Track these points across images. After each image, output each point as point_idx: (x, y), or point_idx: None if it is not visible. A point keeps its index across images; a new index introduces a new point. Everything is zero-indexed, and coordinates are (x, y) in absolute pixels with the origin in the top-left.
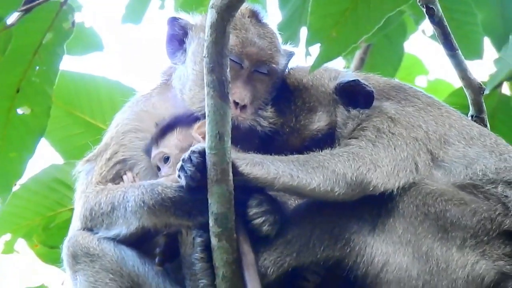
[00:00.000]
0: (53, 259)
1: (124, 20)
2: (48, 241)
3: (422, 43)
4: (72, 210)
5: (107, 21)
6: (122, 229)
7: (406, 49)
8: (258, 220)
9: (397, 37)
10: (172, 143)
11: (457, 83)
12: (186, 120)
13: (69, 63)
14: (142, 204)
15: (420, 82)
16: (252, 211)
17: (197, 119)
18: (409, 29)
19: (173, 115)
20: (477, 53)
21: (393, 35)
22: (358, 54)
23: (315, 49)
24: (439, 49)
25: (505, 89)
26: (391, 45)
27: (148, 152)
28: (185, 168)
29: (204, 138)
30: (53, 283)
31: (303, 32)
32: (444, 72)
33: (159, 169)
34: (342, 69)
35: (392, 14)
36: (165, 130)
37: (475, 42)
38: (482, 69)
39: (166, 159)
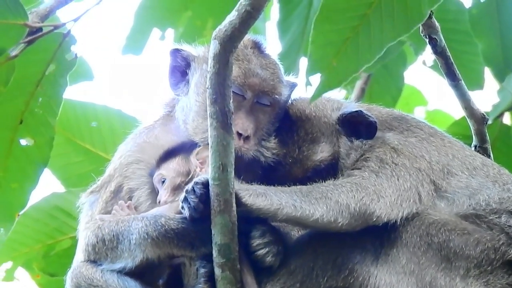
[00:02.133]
0: (53, 287)
1: (125, 51)
2: (48, 269)
3: (421, 74)
4: (72, 238)
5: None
6: (128, 262)
7: (405, 79)
8: (261, 251)
9: (397, 67)
10: (171, 166)
11: (457, 113)
12: (189, 148)
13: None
14: (146, 236)
15: (419, 113)
16: (255, 242)
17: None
18: (409, 59)
19: (178, 142)
20: (478, 83)
21: (393, 65)
22: (358, 84)
23: (316, 79)
24: (438, 80)
25: (506, 119)
26: (391, 75)
27: (152, 175)
28: (189, 200)
29: (202, 163)
30: None
31: (303, 62)
32: (443, 103)
33: (158, 191)
34: (344, 100)
35: (393, 43)
36: (168, 154)
37: (475, 72)
38: (482, 99)
39: (163, 181)
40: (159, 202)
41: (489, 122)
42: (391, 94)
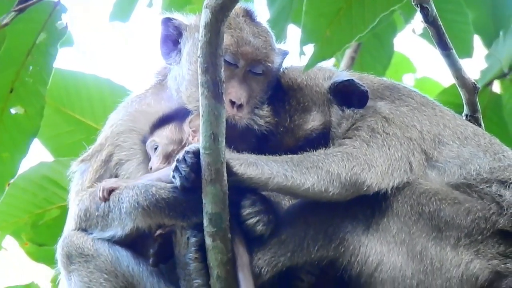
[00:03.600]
0: (42, 257)
1: (112, 18)
2: (37, 239)
3: (409, 41)
4: (60, 207)
5: (95, 20)
6: (117, 230)
7: (395, 47)
8: (252, 220)
9: (387, 36)
10: (164, 133)
11: (445, 81)
12: (183, 115)
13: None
14: (137, 206)
15: (408, 81)
16: (246, 211)
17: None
18: (398, 27)
19: (172, 110)
20: (467, 51)
21: (383, 33)
22: (348, 53)
23: (309, 48)
24: (426, 47)
25: (495, 87)
26: (381, 43)
27: (145, 142)
28: (180, 169)
29: (194, 132)
30: (42, 281)
31: (290, 29)
32: (431, 70)
33: (150, 158)
34: (335, 69)
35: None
36: (162, 121)
37: (465, 41)
38: (471, 68)
39: (156, 148)
40: (151, 168)
41: (479, 89)
42: (381, 62)
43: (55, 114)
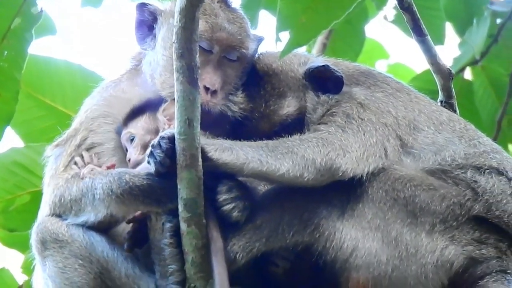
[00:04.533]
0: (13, 242)
1: (84, 3)
2: (8, 224)
3: (382, 28)
4: (31, 193)
5: (67, 5)
6: (90, 216)
7: (366, 33)
8: (228, 206)
9: (359, 22)
10: (139, 124)
11: (417, 67)
12: (155, 105)
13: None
14: (110, 193)
15: (380, 67)
16: (222, 197)
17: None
18: (370, 13)
19: (144, 99)
20: (439, 38)
21: (355, 20)
22: (320, 39)
23: (285, 35)
24: (398, 34)
25: (467, 74)
26: (353, 30)
27: (119, 133)
28: (155, 154)
29: (169, 120)
30: (13, 266)
31: (265, 16)
32: (404, 56)
33: (126, 150)
34: (311, 54)
35: None
36: (135, 112)
37: (437, 28)
38: (444, 55)
39: (132, 139)
40: (129, 160)
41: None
42: (353, 49)
43: (26, 99)
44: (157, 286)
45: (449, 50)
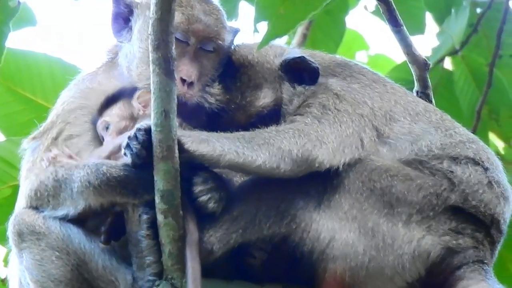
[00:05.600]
0: None
1: None
2: None
3: (362, 18)
4: (12, 187)
5: None
6: (70, 209)
7: (347, 24)
8: (204, 198)
9: (339, 13)
10: (113, 112)
11: (398, 58)
12: (129, 92)
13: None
14: (88, 185)
15: (361, 58)
16: (198, 188)
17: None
18: (351, 4)
19: (118, 89)
20: (419, 28)
21: (335, 10)
22: (300, 30)
23: (263, 26)
24: (379, 24)
25: (447, 64)
26: (333, 20)
27: (95, 123)
28: (131, 146)
29: (144, 106)
30: None
31: (242, 7)
32: (384, 47)
33: (103, 139)
34: (287, 46)
35: None
36: (109, 101)
37: (417, 18)
38: (423, 44)
39: (107, 127)
40: (106, 148)
41: (430, 66)
42: (333, 40)
43: (6, 93)
44: (134, 278)
45: (430, 40)
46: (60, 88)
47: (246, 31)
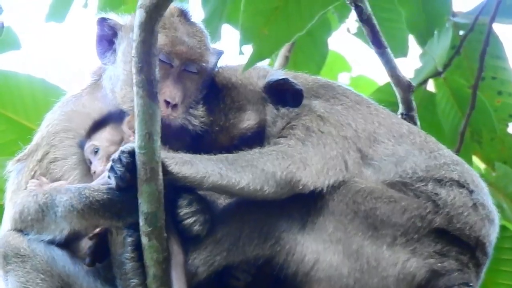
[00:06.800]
0: None
1: (48, 19)
2: None
3: (344, 40)
4: None
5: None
6: (55, 234)
7: (329, 46)
8: (189, 220)
9: (321, 35)
10: (103, 136)
11: (380, 79)
12: (118, 116)
13: None
14: (71, 209)
15: (343, 79)
16: (183, 211)
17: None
18: (333, 26)
19: (106, 112)
20: (402, 50)
21: (317, 32)
22: (282, 52)
23: (248, 49)
24: (361, 46)
25: (429, 86)
26: (315, 42)
27: (82, 146)
28: (115, 168)
29: (134, 132)
30: None
31: (224, 29)
32: (367, 69)
33: (90, 162)
34: (270, 67)
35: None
36: (98, 124)
37: (400, 40)
38: (405, 67)
39: (96, 152)
40: (94, 173)
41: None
42: (315, 61)
43: None
44: None
45: (413, 62)
46: (42, 108)
47: (229, 53)
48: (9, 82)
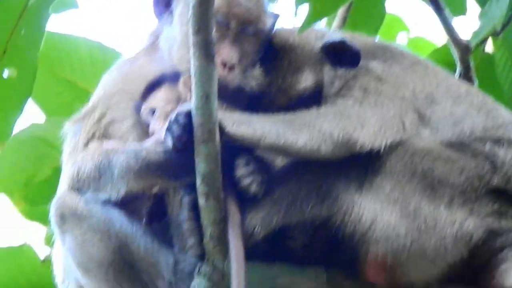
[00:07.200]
0: (36, 216)
1: None
2: (30, 198)
3: (402, 1)
4: (53, 168)
5: None
6: (112, 194)
7: (387, 7)
8: (246, 180)
9: None
10: (158, 96)
11: (438, 40)
12: (174, 77)
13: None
14: (129, 170)
15: (401, 40)
16: (240, 171)
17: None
18: None
19: (162, 73)
20: (461, 9)
21: None
22: (340, 13)
23: (303, 9)
24: (419, 7)
25: (488, 46)
26: (373, 3)
27: (137, 109)
28: (172, 129)
29: (190, 91)
30: (36, 240)
31: None
32: (424, 30)
33: (148, 125)
34: (327, 29)
35: None
36: (153, 86)
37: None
38: (464, 27)
39: (153, 112)
40: (153, 133)
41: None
42: (373, 23)
43: (46, 74)
44: (176, 260)
45: (471, 23)
46: (99, 71)
47: (284, 17)
48: (66, 44)
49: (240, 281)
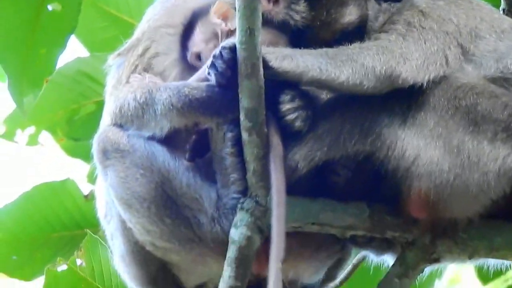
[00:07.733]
0: (78, 152)
1: None
2: (72, 133)
3: None
4: (96, 103)
5: None
6: (155, 131)
7: None
8: (291, 116)
9: None
10: (197, 39)
11: None
12: (204, 10)
13: None
14: (171, 107)
15: None
16: (285, 106)
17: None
18: None
19: (192, 13)
20: None
21: None
22: None
23: None
24: None
25: None
26: None
27: (182, 43)
28: (216, 65)
29: (225, 19)
30: (77, 176)
31: None
32: None
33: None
34: None
35: None
36: (188, 29)
37: None
38: None
39: (199, 57)
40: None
41: None
42: None
43: (90, 9)
44: (219, 195)
45: None
46: (144, 5)
47: None
48: None
49: (281, 215)
